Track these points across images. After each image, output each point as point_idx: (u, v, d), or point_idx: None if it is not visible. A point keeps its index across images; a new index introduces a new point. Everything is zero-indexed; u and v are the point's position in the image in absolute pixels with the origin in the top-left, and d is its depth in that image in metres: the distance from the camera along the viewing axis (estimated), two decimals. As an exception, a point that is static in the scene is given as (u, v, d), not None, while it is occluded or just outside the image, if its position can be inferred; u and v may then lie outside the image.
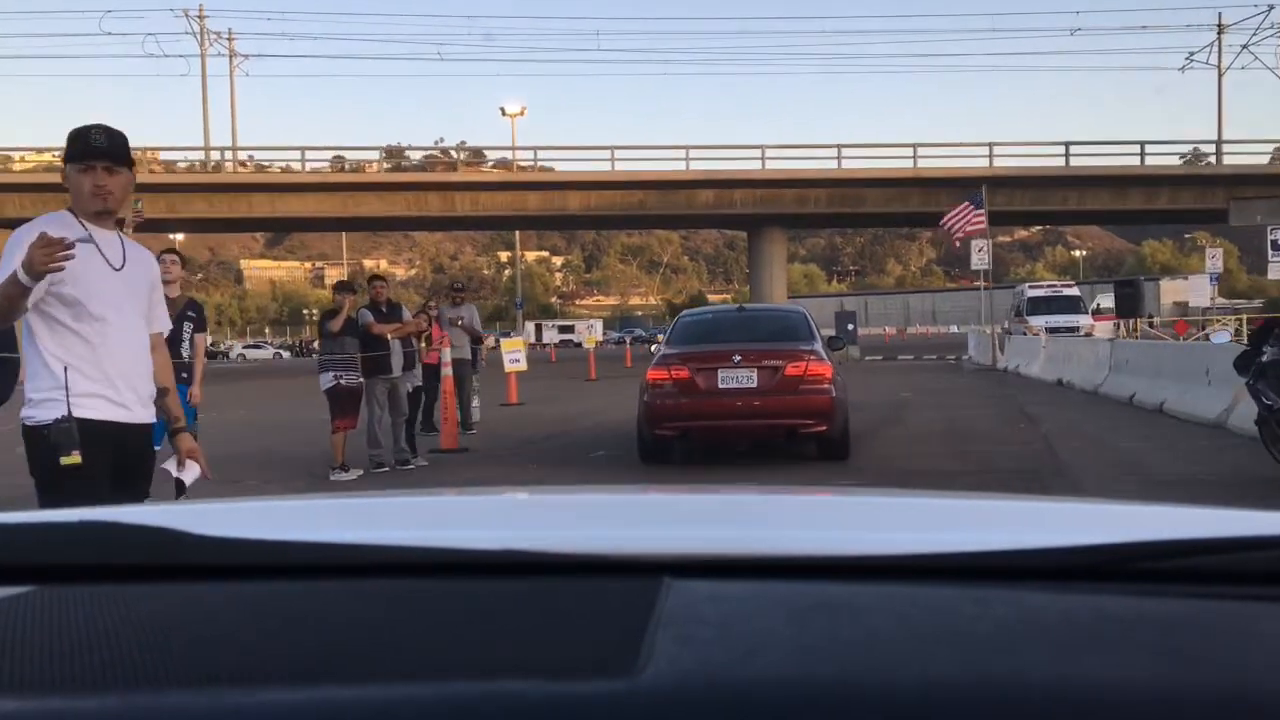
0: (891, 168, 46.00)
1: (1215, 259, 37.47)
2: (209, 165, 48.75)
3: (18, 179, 46.01)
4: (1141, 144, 46.09)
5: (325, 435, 10.09)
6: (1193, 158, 54.19)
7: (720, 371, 9.68)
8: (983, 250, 29.95)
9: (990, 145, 45.86)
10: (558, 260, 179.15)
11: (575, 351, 47.08)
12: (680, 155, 46.77)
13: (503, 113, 56.70)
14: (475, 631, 0.76)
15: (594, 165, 47.39)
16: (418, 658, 0.71)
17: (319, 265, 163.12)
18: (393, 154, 56.14)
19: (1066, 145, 46.36)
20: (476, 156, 61.92)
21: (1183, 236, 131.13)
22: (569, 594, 0.83)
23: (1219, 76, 54.19)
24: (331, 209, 46.37)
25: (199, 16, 56.50)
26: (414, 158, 58.33)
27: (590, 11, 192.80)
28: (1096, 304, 42.14)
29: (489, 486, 2.71)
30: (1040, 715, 0.64)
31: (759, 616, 0.77)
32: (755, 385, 9.63)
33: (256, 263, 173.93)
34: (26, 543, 0.94)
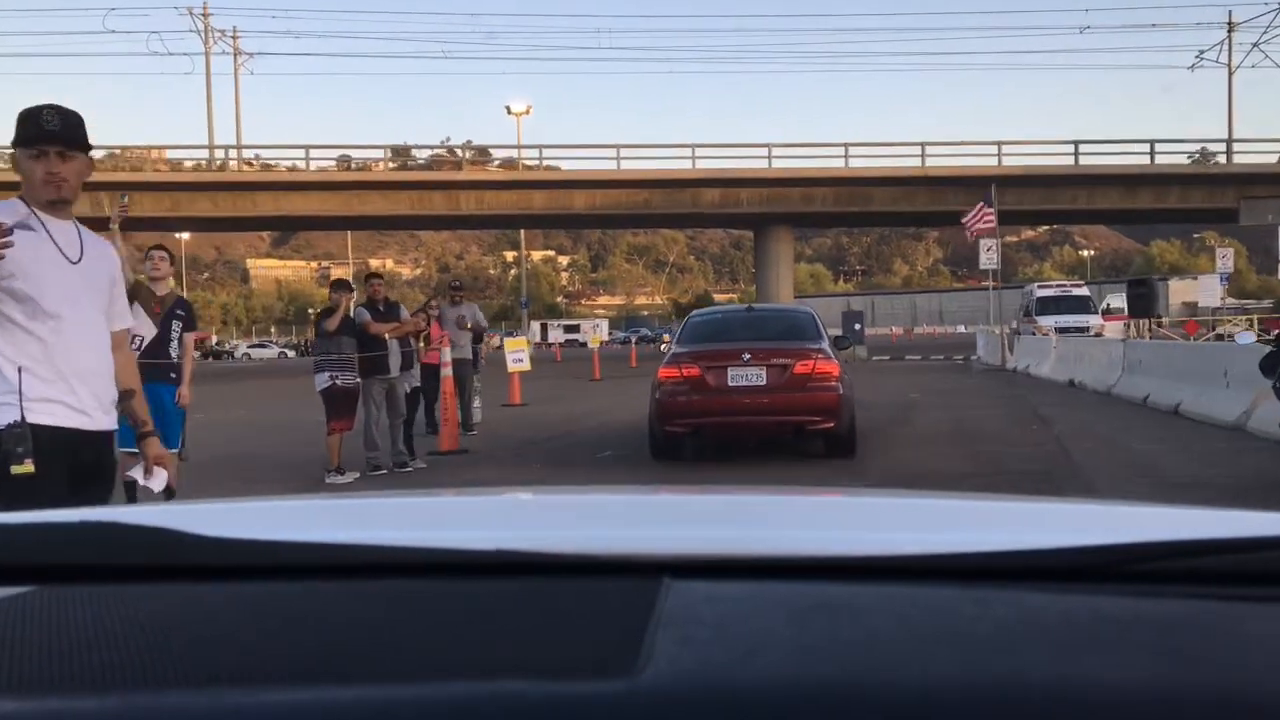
0: (899, 166, 45.77)
1: (1226, 259, 37.20)
2: (213, 164, 48.64)
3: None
4: (1151, 143, 45.86)
5: (324, 437, 9.88)
6: (1200, 157, 53.86)
7: (730, 370, 9.86)
8: (991, 249, 29.70)
9: (999, 144, 45.65)
10: (564, 260, 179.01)
11: (580, 351, 46.94)
12: (686, 154, 46.62)
13: (508, 111, 56.62)
14: (475, 632, 0.76)
15: (599, 164, 47.22)
16: (417, 658, 0.71)
17: (325, 265, 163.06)
18: (399, 153, 55.99)
19: (1076, 144, 46.20)
20: (482, 155, 61.84)
21: (1191, 236, 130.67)
22: (568, 594, 0.83)
23: (1229, 75, 53.89)
24: (336, 208, 46.26)
25: (203, 14, 56.45)
26: (420, 157, 58.21)
27: (594, 10, 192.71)
28: (1106, 304, 41.82)
29: (488, 486, 2.67)
30: (1040, 715, 0.64)
31: (758, 617, 0.76)
32: (764, 383, 9.80)
33: (263, 262, 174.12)
34: (26, 543, 0.94)
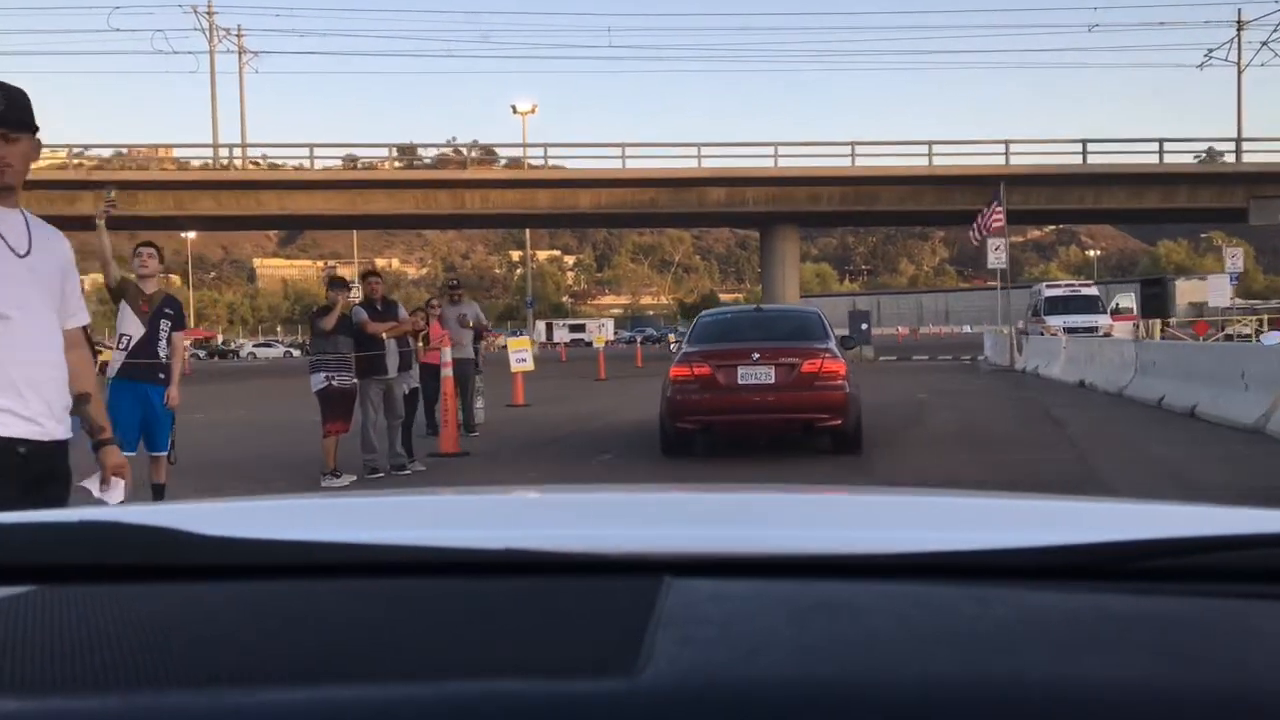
0: (906, 166, 45.47)
1: (1236, 259, 36.88)
2: (217, 163, 48.45)
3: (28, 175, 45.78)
4: (1160, 141, 45.59)
5: (320, 439, 9.63)
6: (1207, 156, 53.43)
7: (740, 368, 10.09)
8: (999, 249, 29.39)
9: (1006, 143, 45.45)
10: (569, 259, 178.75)
11: (586, 351, 46.79)
12: (692, 153, 46.35)
13: (514, 110, 56.41)
14: (475, 631, 0.76)
15: (605, 163, 46.98)
16: (417, 658, 0.71)
17: (331, 264, 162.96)
18: (405, 152, 55.77)
19: (1084, 143, 45.89)
20: (488, 155, 61.58)
21: (1198, 236, 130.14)
22: (569, 593, 0.82)
23: (1238, 73, 53.61)
24: (340, 207, 46.08)
25: (208, 13, 56.30)
26: (426, 157, 58.02)
27: (600, 8, 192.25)
28: (1115, 304, 41.51)
29: (488, 486, 2.65)
30: (1040, 715, 0.64)
31: (759, 616, 0.76)
32: (773, 381, 10.03)
33: (269, 261, 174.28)
34: (26, 543, 0.94)
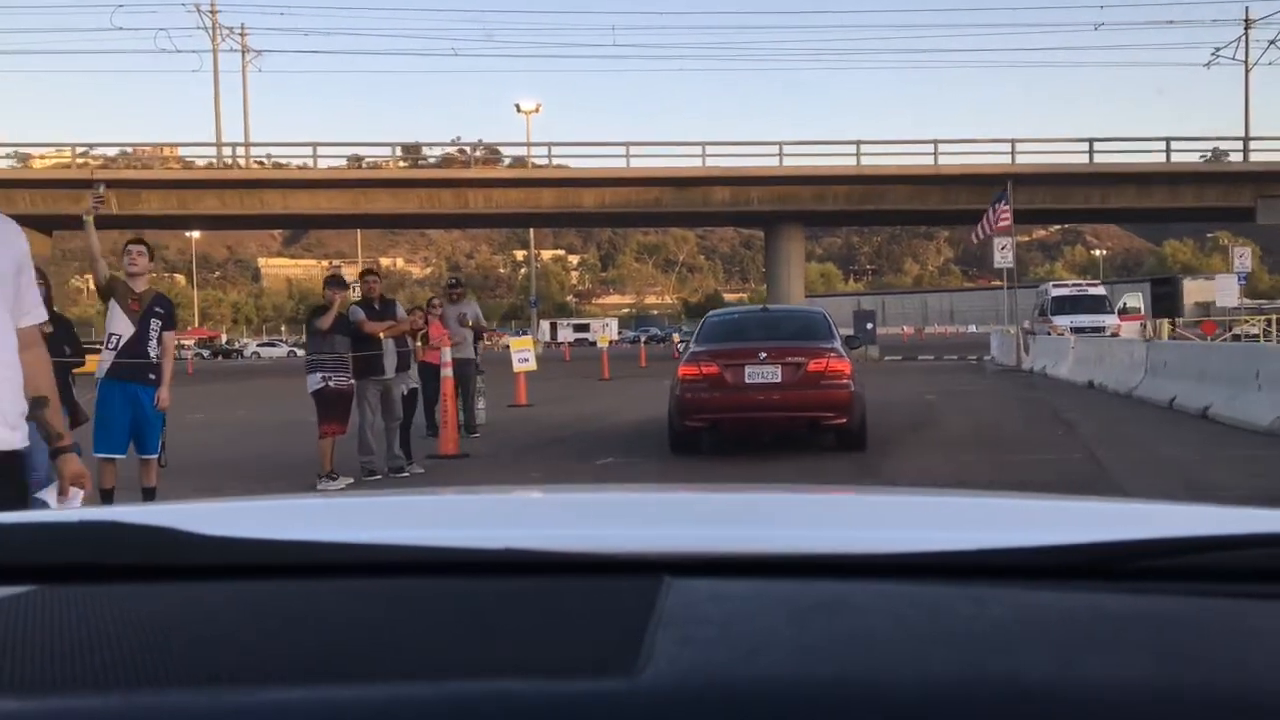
0: (911, 165, 45.33)
1: (1243, 258, 36.66)
2: (221, 162, 48.35)
3: (33, 174, 45.77)
4: (1167, 140, 45.44)
5: (316, 440, 9.44)
6: (1214, 155, 53.15)
7: (747, 367, 10.25)
8: (1006, 248, 29.16)
9: (1012, 142, 45.43)
10: (574, 259, 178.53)
11: (590, 350, 46.62)
12: (696, 152, 46.24)
13: (518, 109, 56.31)
14: (475, 631, 0.76)
15: (609, 162, 46.87)
16: (417, 658, 0.71)
17: (335, 264, 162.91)
18: (410, 151, 55.64)
19: (1090, 142, 45.81)
20: (492, 154, 61.43)
21: (1204, 236, 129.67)
22: (569, 593, 0.82)
23: (1246, 72, 53.31)
24: (344, 206, 45.98)
25: (211, 11, 56.28)
26: (431, 156, 57.85)
27: (604, 7, 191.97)
28: (1123, 303, 41.25)
29: (488, 486, 2.65)
30: (1039, 714, 0.63)
31: (759, 616, 0.76)
32: (780, 380, 10.19)
33: (274, 261, 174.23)
34: (26, 543, 0.94)
